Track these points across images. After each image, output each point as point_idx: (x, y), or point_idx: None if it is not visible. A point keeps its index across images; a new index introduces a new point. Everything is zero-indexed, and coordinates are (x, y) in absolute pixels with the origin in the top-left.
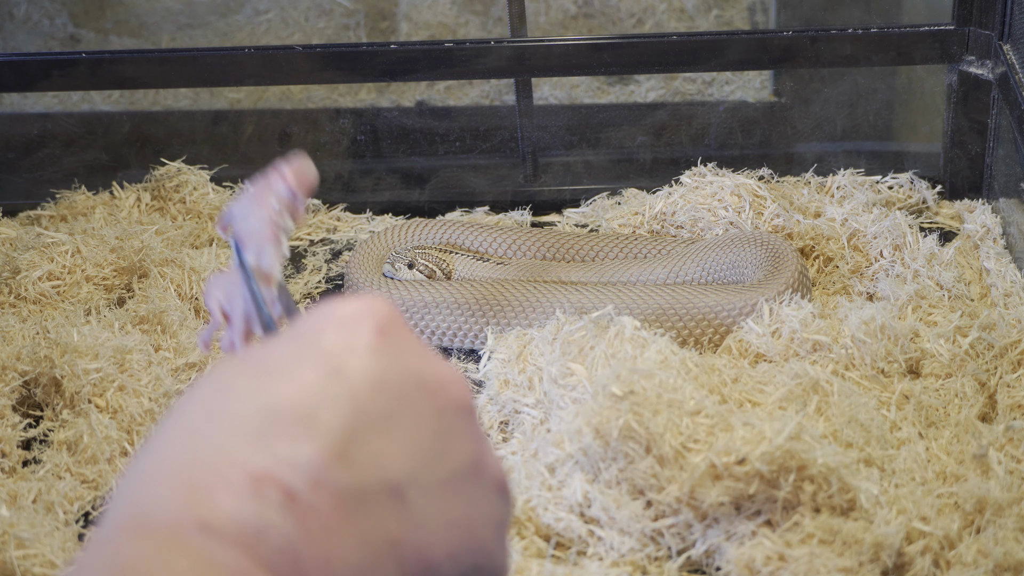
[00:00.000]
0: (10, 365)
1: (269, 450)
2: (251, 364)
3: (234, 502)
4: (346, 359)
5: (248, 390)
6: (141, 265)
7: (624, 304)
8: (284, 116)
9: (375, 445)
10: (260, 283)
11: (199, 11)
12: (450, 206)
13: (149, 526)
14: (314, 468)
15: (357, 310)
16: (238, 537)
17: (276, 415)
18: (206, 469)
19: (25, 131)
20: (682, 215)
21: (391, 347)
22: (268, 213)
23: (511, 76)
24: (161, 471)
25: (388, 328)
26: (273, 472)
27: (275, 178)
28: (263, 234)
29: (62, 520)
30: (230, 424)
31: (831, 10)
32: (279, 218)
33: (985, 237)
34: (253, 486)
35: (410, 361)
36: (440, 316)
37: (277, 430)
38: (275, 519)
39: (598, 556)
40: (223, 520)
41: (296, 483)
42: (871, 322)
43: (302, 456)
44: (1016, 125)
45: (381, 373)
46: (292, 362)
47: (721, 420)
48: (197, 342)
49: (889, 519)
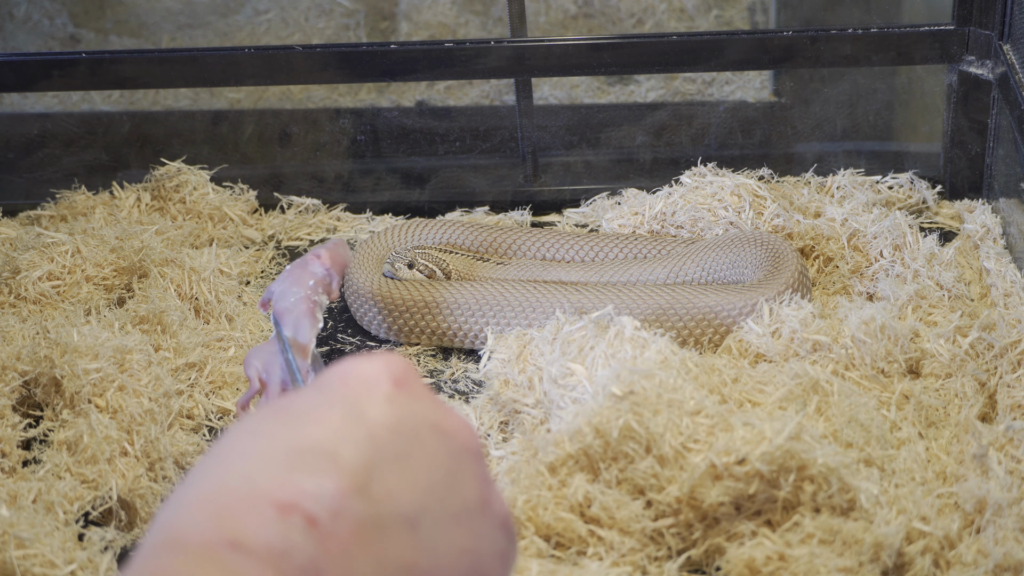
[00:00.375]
0: (10, 365)
1: (294, 483)
2: (280, 410)
3: (262, 525)
4: (366, 406)
5: (277, 432)
6: (141, 265)
7: (624, 304)
8: (284, 116)
9: (391, 480)
10: (296, 354)
11: (199, 11)
12: (450, 206)
13: (183, 544)
14: (335, 499)
15: (376, 365)
16: (265, 554)
17: (302, 453)
18: (237, 498)
19: (25, 131)
20: (682, 215)
21: (406, 397)
22: (304, 291)
23: (511, 76)
24: (195, 500)
25: (404, 381)
26: (298, 501)
27: (311, 259)
28: (300, 310)
29: (62, 520)
30: (260, 460)
31: (831, 10)
32: (315, 294)
33: (985, 237)
34: (279, 512)
35: (423, 409)
36: (440, 316)
37: (302, 466)
38: (299, 541)
39: (598, 556)
40: (251, 539)
41: (318, 511)
42: (871, 322)
43: (324, 488)
44: (1016, 125)
45: (397, 418)
46: (317, 408)
47: (721, 420)
48: (235, 406)
49: (889, 519)
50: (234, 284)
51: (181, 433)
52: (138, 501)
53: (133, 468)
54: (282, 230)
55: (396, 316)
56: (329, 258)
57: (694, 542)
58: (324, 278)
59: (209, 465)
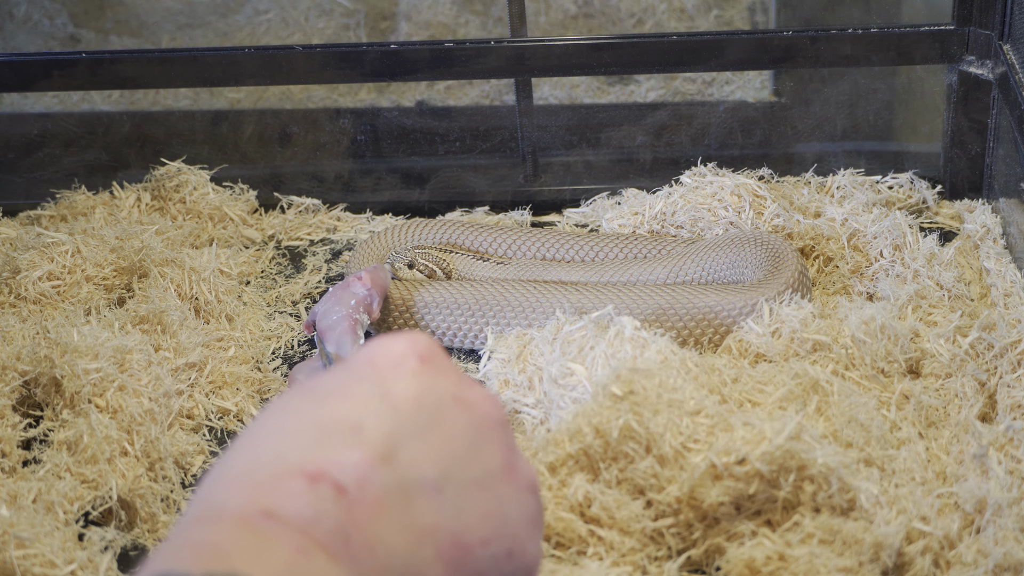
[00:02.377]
0: (10, 365)
1: (323, 454)
2: (310, 390)
3: (293, 495)
4: (390, 381)
5: (306, 409)
6: (141, 265)
7: (624, 304)
8: (284, 116)
9: (415, 449)
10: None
11: (199, 11)
12: (450, 206)
13: (220, 515)
14: (361, 468)
15: (402, 344)
16: (296, 522)
17: (329, 427)
18: (269, 470)
19: (25, 131)
20: (682, 215)
21: (431, 372)
22: (346, 309)
23: (511, 76)
24: (231, 474)
25: (428, 357)
26: (326, 471)
27: (353, 280)
28: (343, 327)
29: (62, 520)
30: (290, 435)
31: (831, 10)
32: (356, 313)
33: (985, 237)
34: (309, 482)
35: (447, 383)
36: (440, 316)
37: (330, 438)
38: (328, 508)
39: (598, 556)
40: (284, 508)
41: (345, 480)
42: (871, 322)
43: (351, 458)
44: (1016, 125)
45: (421, 392)
46: (344, 386)
47: (721, 420)
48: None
49: (889, 519)
50: (234, 284)
51: (181, 433)
52: (138, 501)
53: (133, 468)
54: (282, 230)
55: (396, 316)
56: (370, 280)
57: (694, 542)
58: (365, 298)
59: (244, 441)
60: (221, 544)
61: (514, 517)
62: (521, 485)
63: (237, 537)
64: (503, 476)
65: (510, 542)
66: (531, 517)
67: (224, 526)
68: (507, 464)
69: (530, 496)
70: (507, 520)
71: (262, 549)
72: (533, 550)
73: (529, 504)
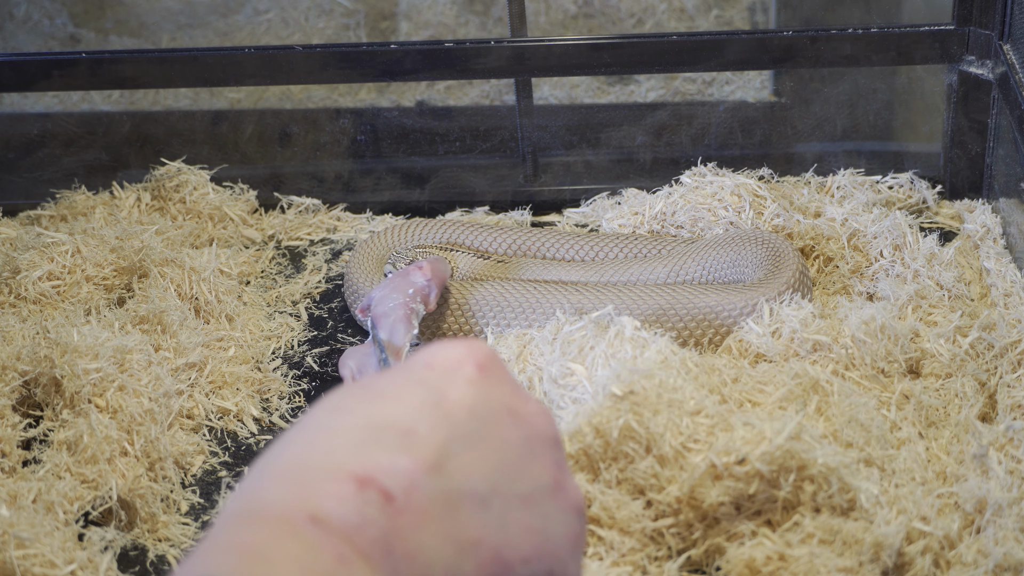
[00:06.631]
0: (10, 365)
1: (372, 458)
2: (363, 388)
3: (340, 499)
4: (446, 388)
5: (358, 409)
6: (141, 265)
7: (624, 304)
8: (284, 116)
9: (465, 460)
10: (391, 356)
11: (199, 11)
12: (450, 206)
13: (264, 515)
14: (410, 475)
15: (461, 350)
16: (341, 528)
17: (381, 429)
18: (317, 470)
19: (25, 131)
20: (682, 215)
21: (488, 382)
22: (403, 297)
23: (511, 76)
24: (277, 471)
25: (487, 366)
26: (375, 476)
27: (414, 269)
28: (397, 315)
29: (62, 520)
30: (340, 435)
31: (831, 10)
32: (412, 302)
33: (985, 237)
34: (357, 486)
35: (502, 394)
36: (440, 316)
37: (381, 442)
38: (373, 515)
39: (598, 556)
40: (330, 513)
41: (393, 487)
42: (871, 322)
43: (400, 464)
44: (1016, 125)
45: (475, 401)
46: (399, 388)
47: (721, 420)
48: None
49: (889, 519)
50: (234, 284)
51: (181, 433)
52: (138, 501)
53: (133, 468)
54: (282, 230)
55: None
56: (431, 271)
57: (694, 542)
58: (424, 288)
59: (292, 437)
60: (263, 549)
61: (557, 537)
62: (568, 505)
63: (279, 542)
64: (550, 494)
65: (551, 562)
66: (574, 538)
67: (267, 528)
68: (556, 482)
69: (575, 517)
70: (550, 539)
71: (304, 557)
72: (574, 571)
73: (573, 525)
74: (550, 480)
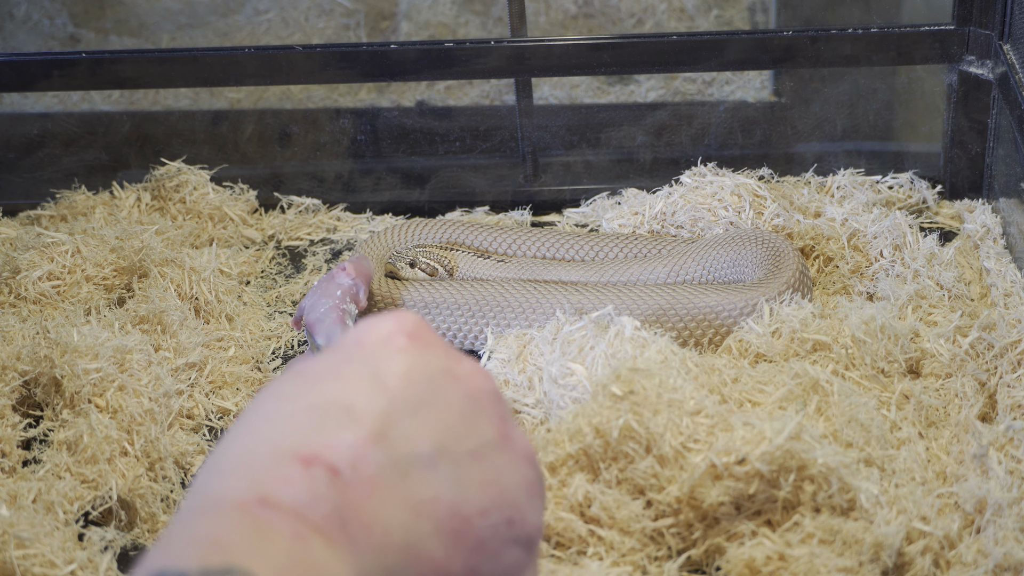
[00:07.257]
0: (10, 365)
1: (315, 437)
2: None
3: (288, 480)
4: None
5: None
6: (141, 265)
7: (624, 304)
8: (284, 116)
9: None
10: None
11: (199, 11)
12: (450, 206)
13: (216, 505)
14: (354, 448)
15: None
16: (292, 507)
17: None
18: (263, 457)
19: (25, 131)
20: (682, 215)
21: (420, 349)
22: (333, 300)
23: (511, 76)
24: (225, 463)
25: (416, 334)
26: (319, 453)
27: (337, 271)
28: (331, 319)
29: (62, 520)
30: (282, 420)
31: (831, 10)
32: (343, 303)
33: (985, 237)
34: (303, 466)
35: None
36: (440, 316)
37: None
38: (322, 491)
39: (598, 556)
40: (279, 494)
41: (339, 461)
42: (871, 322)
43: (343, 439)
44: (1016, 125)
45: (410, 369)
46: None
47: (721, 420)
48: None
49: (889, 519)
50: (234, 284)
51: (181, 433)
52: (138, 501)
53: (133, 468)
54: (282, 230)
55: None
56: (354, 269)
57: (694, 542)
58: (351, 287)
59: (237, 429)
60: (218, 536)
61: (512, 486)
62: (517, 454)
63: (234, 528)
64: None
65: (509, 511)
66: (529, 485)
67: (220, 517)
68: (502, 434)
69: (527, 465)
70: (505, 489)
71: (259, 539)
72: (533, 518)
73: (526, 473)
74: (496, 433)
